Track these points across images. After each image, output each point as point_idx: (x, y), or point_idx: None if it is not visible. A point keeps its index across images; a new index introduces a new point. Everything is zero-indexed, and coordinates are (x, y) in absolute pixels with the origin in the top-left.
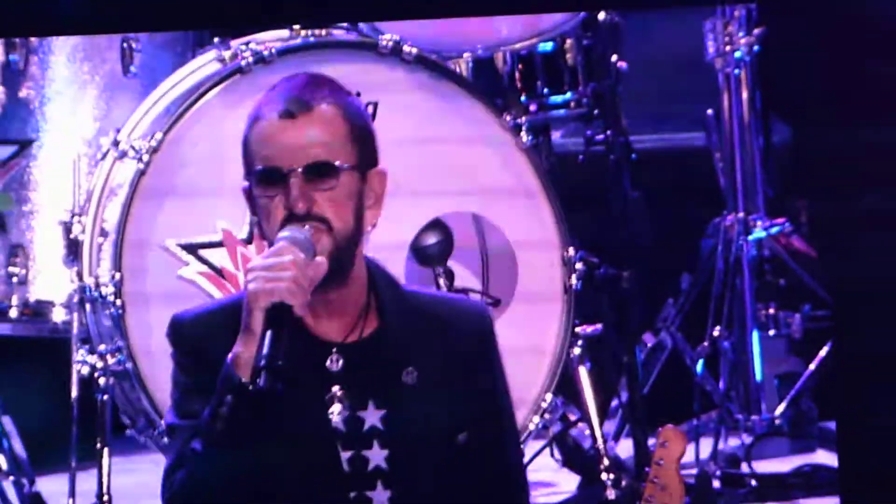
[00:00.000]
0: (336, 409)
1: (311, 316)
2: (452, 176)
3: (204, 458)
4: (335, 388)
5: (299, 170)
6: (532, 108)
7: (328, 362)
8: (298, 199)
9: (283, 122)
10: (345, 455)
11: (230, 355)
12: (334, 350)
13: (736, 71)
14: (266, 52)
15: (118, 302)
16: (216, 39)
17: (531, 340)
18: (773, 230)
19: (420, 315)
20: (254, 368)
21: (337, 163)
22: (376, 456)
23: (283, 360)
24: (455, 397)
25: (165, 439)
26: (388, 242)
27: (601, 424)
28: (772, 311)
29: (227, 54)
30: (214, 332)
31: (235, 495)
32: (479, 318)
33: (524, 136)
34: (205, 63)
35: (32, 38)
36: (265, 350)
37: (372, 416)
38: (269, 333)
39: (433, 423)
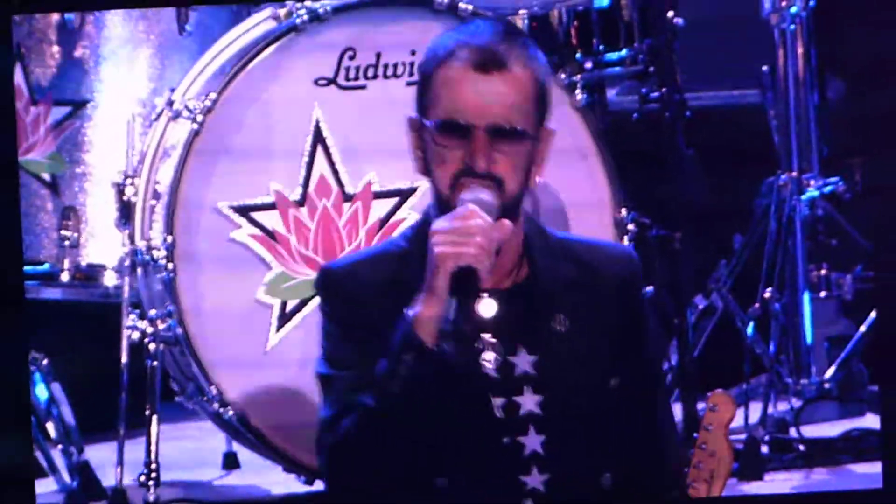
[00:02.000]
0: (489, 356)
1: None
2: None
3: (375, 412)
4: (486, 335)
5: (484, 128)
6: (587, 65)
7: (479, 308)
8: (480, 158)
9: (476, 75)
10: (497, 401)
11: (410, 313)
12: (485, 295)
13: (791, 27)
14: (321, 10)
15: (170, 265)
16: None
17: None
18: (827, 189)
19: (569, 261)
20: (440, 332)
21: (520, 128)
22: (528, 401)
23: (469, 326)
24: (605, 343)
25: (321, 388)
26: None
27: None
28: (823, 272)
29: (282, 12)
30: (366, 281)
31: (402, 449)
32: (628, 262)
33: (579, 95)
34: (260, 21)
35: None
36: (452, 315)
37: (523, 362)
38: (455, 301)
39: (584, 369)
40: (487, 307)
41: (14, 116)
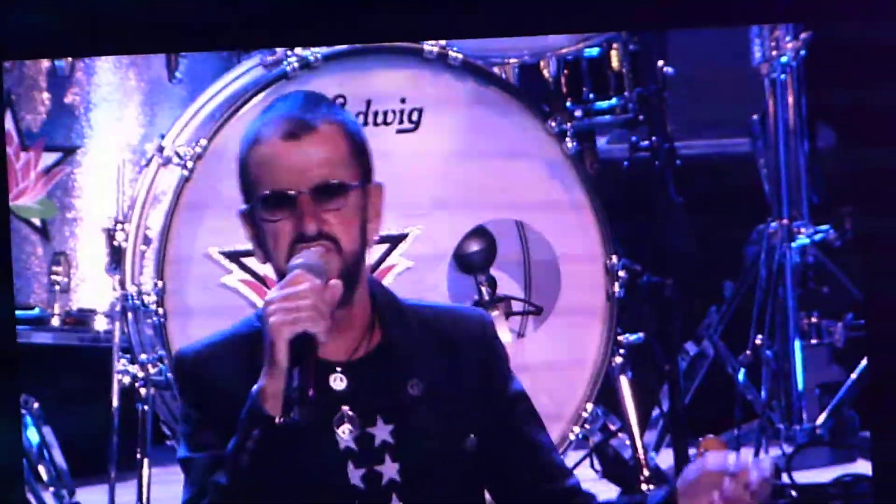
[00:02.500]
0: (345, 428)
1: None
2: (496, 182)
3: (229, 491)
4: (344, 408)
5: (307, 191)
6: (577, 113)
7: (332, 382)
8: (309, 221)
9: (287, 144)
10: (358, 472)
11: (255, 389)
12: (338, 369)
13: (782, 76)
14: (311, 58)
15: (160, 311)
16: (261, 49)
17: (573, 349)
18: (817, 237)
19: (421, 327)
20: (286, 401)
21: (343, 181)
22: (389, 470)
23: (314, 391)
24: (461, 403)
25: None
26: (432, 251)
27: (642, 434)
28: (814, 319)
29: (271, 60)
30: (220, 364)
31: None
32: (480, 324)
33: (569, 143)
34: (249, 68)
35: None
36: (295, 382)
37: (382, 431)
38: (296, 367)
39: (442, 431)
40: (339, 381)
41: (5, 161)
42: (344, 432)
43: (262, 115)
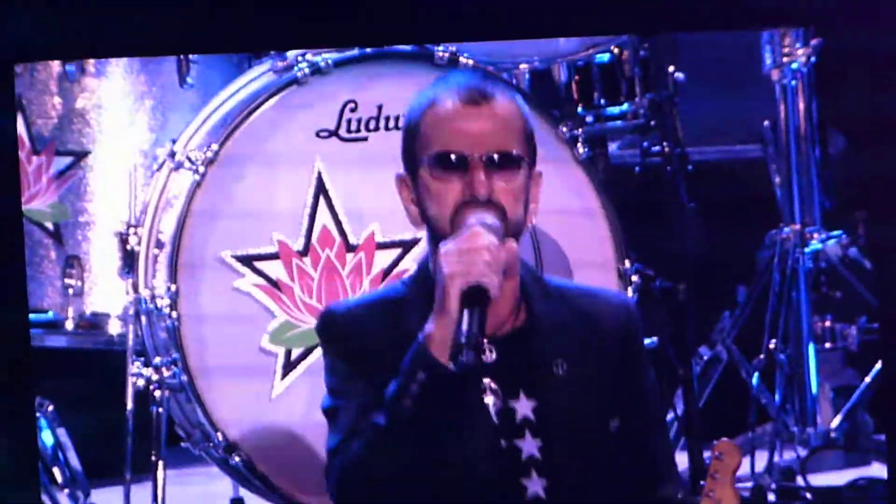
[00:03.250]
0: (489, 400)
1: None
2: None
3: (387, 431)
4: (487, 380)
5: (482, 156)
6: (588, 119)
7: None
8: (481, 185)
9: (467, 109)
10: (500, 445)
11: (421, 335)
12: (487, 342)
13: (793, 82)
14: (322, 63)
15: (173, 314)
16: (272, 51)
17: None
18: (830, 242)
19: (567, 307)
20: (454, 345)
21: (517, 152)
22: (529, 445)
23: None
24: (604, 387)
25: (334, 422)
26: None
27: None
28: (828, 323)
29: (282, 65)
30: (370, 322)
31: (413, 470)
32: (626, 310)
33: (581, 148)
34: (260, 74)
35: None
36: (465, 328)
37: (524, 407)
38: (468, 312)
39: (584, 412)
40: (489, 352)
41: (17, 165)
42: (488, 404)
43: (436, 84)
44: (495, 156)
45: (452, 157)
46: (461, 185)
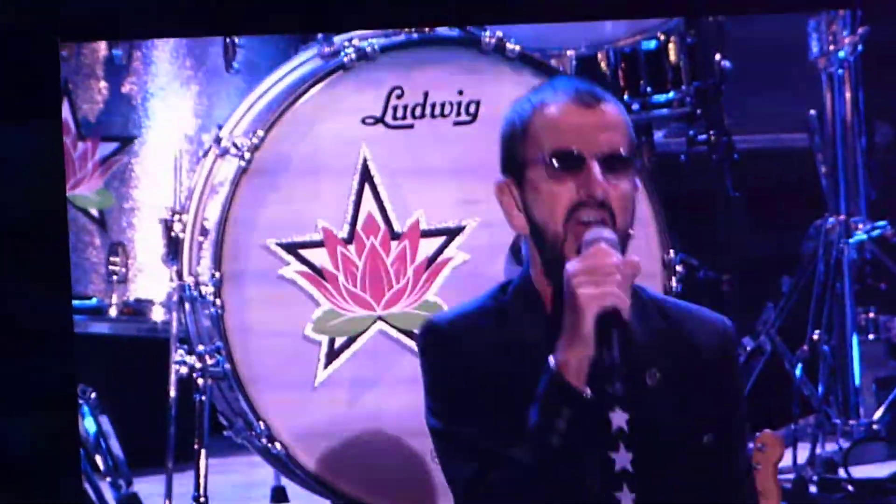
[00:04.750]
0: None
1: None
2: None
3: (535, 468)
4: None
5: (596, 157)
6: (634, 107)
7: None
8: (596, 187)
9: (581, 109)
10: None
11: (553, 362)
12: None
13: (839, 71)
14: (369, 49)
15: (217, 302)
16: (319, 35)
17: None
18: (875, 233)
19: (663, 320)
20: (598, 376)
21: (630, 156)
22: (622, 458)
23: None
24: (698, 400)
25: (434, 444)
26: (489, 245)
27: None
28: (871, 315)
29: (329, 50)
30: (473, 335)
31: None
32: (723, 328)
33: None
34: (307, 59)
35: None
36: (607, 359)
37: (619, 418)
38: (608, 339)
39: (676, 425)
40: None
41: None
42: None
43: (538, 90)
44: (610, 157)
45: (568, 155)
46: (576, 184)
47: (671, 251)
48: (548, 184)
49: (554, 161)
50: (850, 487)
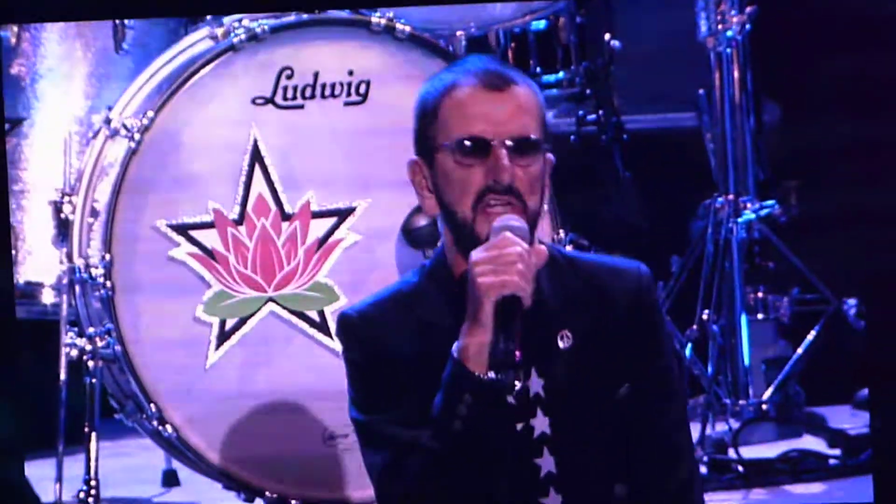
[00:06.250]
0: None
1: None
2: None
3: (441, 455)
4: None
5: (507, 141)
6: None
7: None
8: (503, 172)
9: (489, 94)
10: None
11: (454, 349)
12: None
13: (727, 50)
14: (259, 30)
15: (108, 284)
16: (208, 16)
17: None
18: (763, 212)
19: (576, 278)
20: (494, 362)
21: (536, 137)
22: (541, 423)
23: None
24: (613, 354)
25: (357, 435)
26: (380, 225)
27: None
28: (760, 294)
29: (219, 31)
30: (387, 323)
31: (468, 482)
32: (636, 275)
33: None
34: (197, 40)
35: None
36: (502, 344)
37: (535, 385)
38: (503, 326)
39: (592, 384)
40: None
41: None
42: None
43: (449, 69)
44: (517, 141)
45: (475, 141)
46: (483, 170)
47: (561, 231)
48: (456, 169)
49: (461, 147)
50: (740, 468)
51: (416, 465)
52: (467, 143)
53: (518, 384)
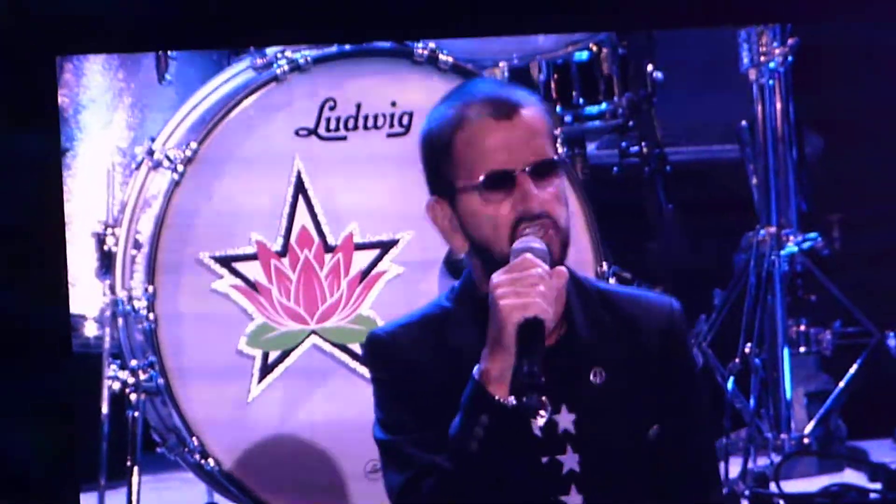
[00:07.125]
0: (542, 414)
1: None
2: None
3: (455, 476)
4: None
5: (526, 169)
6: (567, 119)
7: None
8: (533, 199)
9: (500, 123)
10: (542, 460)
11: (476, 371)
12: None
13: (770, 82)
14: (302, 60)
15: (151, 316)
16: (251, 47)
17: None
18: (806, 245)
19: (609, 313)
20: (516, 386)
21: (556, 159)
22: (570, 460)
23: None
24: (644, 392)
25: (379, 456)
26: (424, 258)
27: None
28: (802, 327)
29: (262, 62)
30: (414, 345)
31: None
32: (668, 310)
33: (559, 148)
34: (240, 71)
35: None
36: (527, 367)
37: (565, 420)
38: (527, 350)
39: (623, 422)
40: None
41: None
42: (540, 418)
43: (452, 100)
44: (537, 166)
45: (499, 175)
46: (511, 202)
47: (604, 264)
48: (484, 207)
49: (487, 184)
50: (781, 502)
51: (431, 486)
52: (491, 177)
53: (544, 413)
